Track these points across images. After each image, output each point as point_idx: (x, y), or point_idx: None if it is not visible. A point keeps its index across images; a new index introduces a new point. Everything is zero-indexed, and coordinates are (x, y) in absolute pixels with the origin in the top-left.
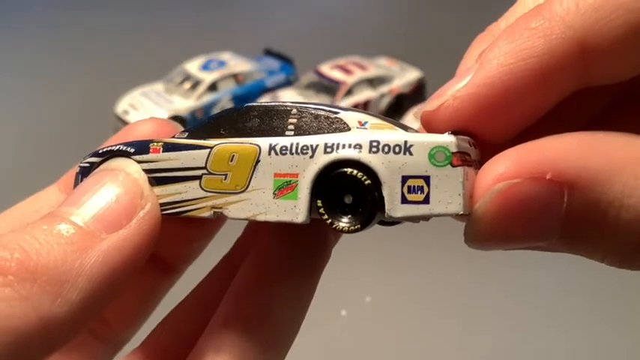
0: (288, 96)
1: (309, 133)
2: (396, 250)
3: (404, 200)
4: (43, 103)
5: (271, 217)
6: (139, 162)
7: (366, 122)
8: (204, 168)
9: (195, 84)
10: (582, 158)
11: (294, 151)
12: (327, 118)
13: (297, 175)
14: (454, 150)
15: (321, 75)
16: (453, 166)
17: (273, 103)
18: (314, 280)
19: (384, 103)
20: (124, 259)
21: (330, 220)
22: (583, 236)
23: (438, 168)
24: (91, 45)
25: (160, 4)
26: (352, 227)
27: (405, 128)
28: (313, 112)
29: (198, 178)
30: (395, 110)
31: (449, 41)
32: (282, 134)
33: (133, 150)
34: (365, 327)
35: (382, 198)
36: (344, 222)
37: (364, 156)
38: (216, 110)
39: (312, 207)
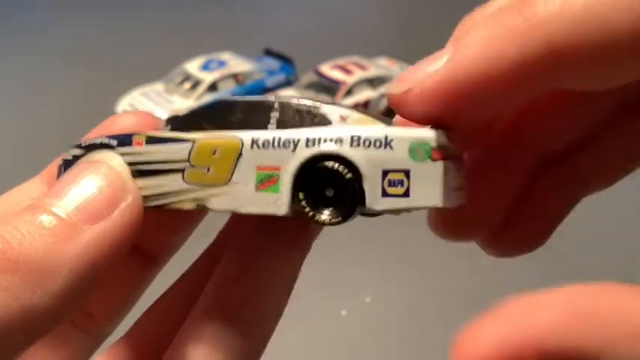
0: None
1: (291, 127)
2: (397, 250)
3: (384, 194)
4: (43, 102)
5: (253, 210)
6: (122, 154)
7: (347, 117)
8: (187, 161)
9: (195, 84)
10: (568, 337)
11: (276, 144)
12: (309, 112)
13: (280, 169)
14: (434, 145)
15: (321, 75)
16: (433, 160)
17: (255, 98)
18: (294, 271)
19: (384, 102)
20: (105, 250)
21: (312, 213)
22: None
23: (418, 162)
24: (91, 45)
25: (160, 4)
26: (334, 220)
27: (387, 122)
28: (295, 106)
29: (181, 171)
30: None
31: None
32: (264, 128)
33: (115, 142)
34: (365, 327)
35: (363, 191)
36: (325, 215)
37: (345, 150)
38: None
39: (293, 200)
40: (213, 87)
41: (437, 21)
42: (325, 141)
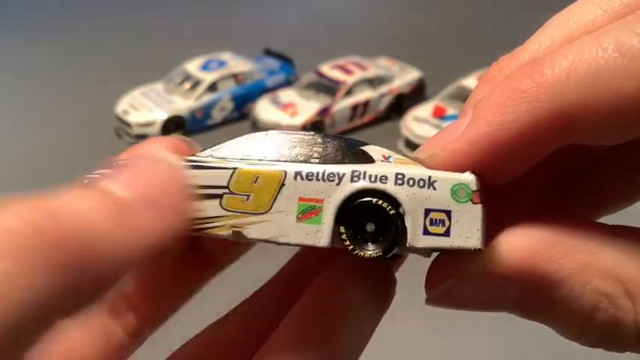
0: (288, 95)
1: (335, 163)
2: None
3: (425, 232)
4: (43, 102)
5: (293, 240)
6: None
7: (389, 156)
8: (227, 187)
9: (195, 84)
10: (537, 262)
11: (320, 177)
12: (352, 150)
13: (323, 201)
14: (474, 188)
15: (321, 75)
16: (474, 203)
17: (295, 132)
18: (380, 314)
19: (384, 102)
20: (158, 234)
21: (352, 247)
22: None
23: (460, 204)
24: (92, 45)
25: (160, 4)
26: (374, 255)
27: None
28: (337, 142)
29: (219, 197)
30: (395, 110)
31: (449, 41)
32: (307, 162)
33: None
34: None
35: (405, 228)
36: (366, 249)
37: (390, 187)
38: (216, 110)
39: (334, 232)
40: (213, 87)
41: (437, 21)
42: (370, 177)
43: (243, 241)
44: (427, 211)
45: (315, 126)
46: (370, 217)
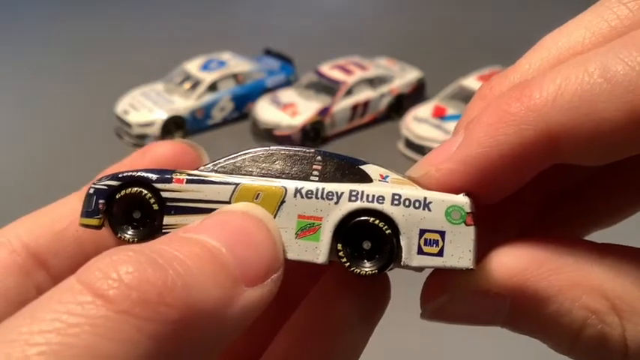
0: (288, 95)
1: (334, 181)
2: None
3: (420, 251)
4: (44, 102)
5: (292, 256)
6: (160, 190)
7: (387, 176)
8: (229, 202)
9: (195, 84)
10: (527, 279)
11: (319, 195)
12: (351, 168)
13: (321, 219)
14: (468, 210)
15: (321, 75)
16: (467, 224)
17: (296, 149)
18: (373, 325)
19: (384, 102)
20: (255, 312)
21: (348, 264)
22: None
23: (454, 225)
24: (92, 45)
25: (160, 5)
26: (369, 272)
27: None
28: (336, 161)
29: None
30: (395, 110)
31: (449, 41)
32: (306, 179)
33: (154, 177)
34: None
35: (400, 247)
36: (362, 266)
37: (387, 207)
38: (216, 110)
39: (331, 249)
40: (213, 87)
41: (437, 21)
42: (367, 197)
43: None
44: (422, 232)
45: (315, 126)
46: (367, 235)
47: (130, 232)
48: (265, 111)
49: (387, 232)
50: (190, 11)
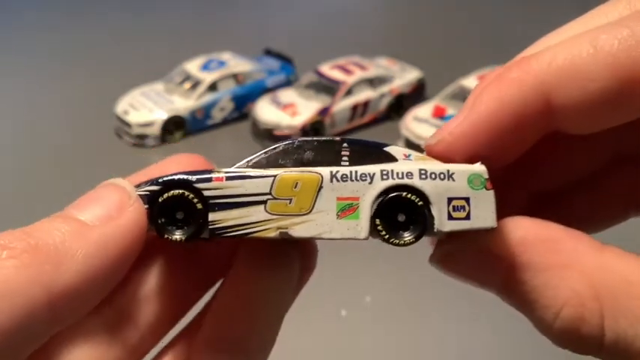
0: (288, 95)
1: (363, 164)
2: (396, 250)
3: (450, 217)
4: (44, 102)
5: (336, 235)
6: (202, 189)
7: (409, 155)
8: (269, 194)
9: (195, 84)
10: (526, 249)
11: (354, 178)
12: (376, 151)
13: (359, 199)
14: (486, 176)
15: (321, 75)
16: (487, 189)
17: (323, 138)
18: (288, 303)
19: (384, 102)
20: (116, 242)
21: (388, 236)
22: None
23: (476, 191)
24: (92, 45)
25: (160, 4)
26: (408, 241)
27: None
28: (362, 146)
29: (264, 202)
30: (395, 110)
31: (449, 41)
32: (338, 164)
33: (194, 179)
34: (365, 327)
35: (432, 216)
36: (401, 237)
37: (416, 182)
38: (216, 110)
39: (371, 225)
40: (213, 87)
41: (437, 21)
42: (397, 174)
43: (289, 239)
44: (449, 200)
45: (315, 126)
46: (401, 208)
47: (177, 233)
48: (265, 111)
49: (420, 203)
50: (190, 11)
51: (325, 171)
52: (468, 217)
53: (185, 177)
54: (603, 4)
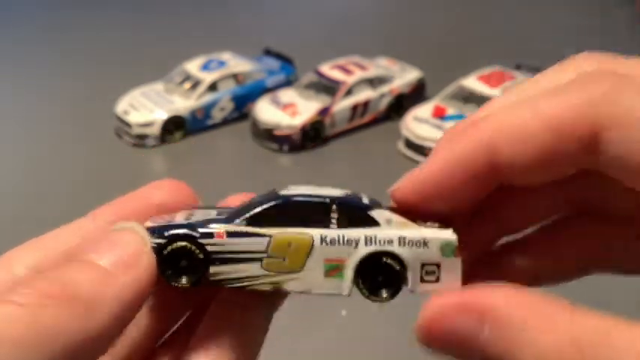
0: (288, 95)
1: (350, 227)
2: None
3: (422, 280)
4: (44, 102)
5: (322, 291)
6: (205, 244)
7: (391, 220)
8: (265, 252)
9: (195, 84)
10: (506, 308)
11: (341, 242)
12: (362, 215)
13: (344, 261)
14: (456, 244)
15: (321, 75)
16: (456, 256)
17: (314, 200)
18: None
19: (384, 102)
20: (134, 288)
21: (368, 294)
22: None
23: (446, 257)
24: (91, 45)
25: (160, 4)
26: (385, 299)
27: (419, 223)
28: (349, 208)
29: (259, 260)
30: (395, 110)
31: (449, 41)
32: (328, 226)
33: (198, 234)
34: (365, 327)
35: (406, 278)
36: (380, 295)
37: (396, 249)
38: (216, 110)
39: (354, 283)
40: (213, 87)
41: (437, 21)
42: (380, 241)
43: (281, 293)
44: (423, 265)
45: (315, 126)
46: (380, 270)
47: (184, 280)
48: (265, 111)
49: (397, 268)
50: (190, 11)
51: (316, 234)
52: (437, 281)
53: (190, 232)
54: (554, 67)
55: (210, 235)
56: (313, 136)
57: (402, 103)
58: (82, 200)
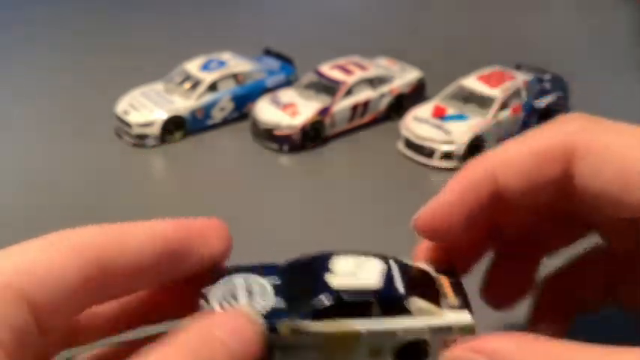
0: (288, 95)
1: (389, 315)
2: (396, 250)
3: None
4: (43, 102)
5: None
6: (269, 337)
7: (421, 308)
8: (321, 344)
9: (195, 84)
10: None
11: (382, 333)
12: (398, 304)
13: (384, 346)
14: (473, 327)
15: (321, 75)
16: (472, 332)
17: (359, 298)
18: None
19: (384, 102)
20: None
21: None
22: None
23: (464, 334)
24: (91, 45)
25: (160, 4)
26: None
27: (445, 305)
28: (387, 302)
29: (317, 349)
30: (395, 110)
31: (449, 41)
32: (370, 317)
33: (266, 326)
34: None
35: (429, 353)
36: None
37: (427, 337)
38: (216, 110)
39: None
40: (213, 87)
41: (437, 21)
42: (414, 332)
43: None
44: (445, 342)
45: (315, 126)
46: (412, 351)
47: None
48: (265, 111)
49: (427, 349)
50: (190, 11)
51: (363, 327)
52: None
53: (266, 323)
54: (554, 121)
55: (275, 330)
56: (313, 136)
57: (402, 103)
58: (82, 200)
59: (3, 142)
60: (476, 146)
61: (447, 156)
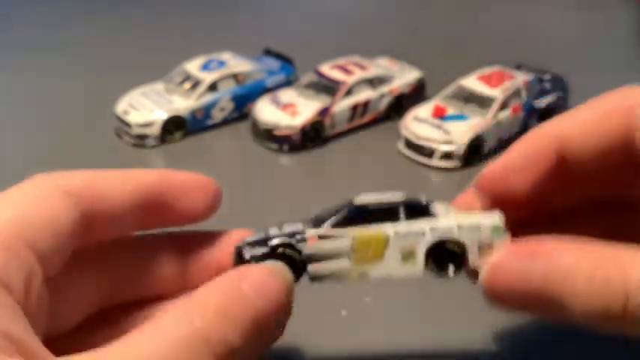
0: (288, 95)
1: (416, 219)
2: None
3: (480, 256)
4: (43, 102)
5: (400, 274)
6: (302, 248)
7: (447, 211)
8: (351, 249)
9: (195, 84)
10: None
11: (411, 234)
12: (425, 210)
13: (415, 249)
14: (503, 226)
15: (321, 75)
16: (505, 235)
17: (386, 203)
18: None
19: (384, 102)
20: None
21: (437, 274)
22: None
23: (497, 237)
24: (91, 45)
25: (160, 4)
26: (451, 276)
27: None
28: (413, 207)
29: (347, 256)
30: (395, 110)
31: (449, 41)
32: (398, 220)
33: (295, 241)
34: (365, 327)
35: (467, 258)
36: (447, 273)
37: (456, 235)
38: (216, 110)
39: (425, 266)
40: (213, 87)
41: (437, 21)
42: (442, 230)
43: (366, 280)
44: (480, 246)
45: (315, 126)
46: (445, 253)
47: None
48: (265, 111)
49: (458, 251)
50: (190, 11)
51: (390, 230)
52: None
53: (288, 240)
54: (615, 90)
55: (305, 240)
56: (313, 136)
57: (402, 103)
58: None
59: (3, 142)
60: (476, 146)
61: (447, 156)
